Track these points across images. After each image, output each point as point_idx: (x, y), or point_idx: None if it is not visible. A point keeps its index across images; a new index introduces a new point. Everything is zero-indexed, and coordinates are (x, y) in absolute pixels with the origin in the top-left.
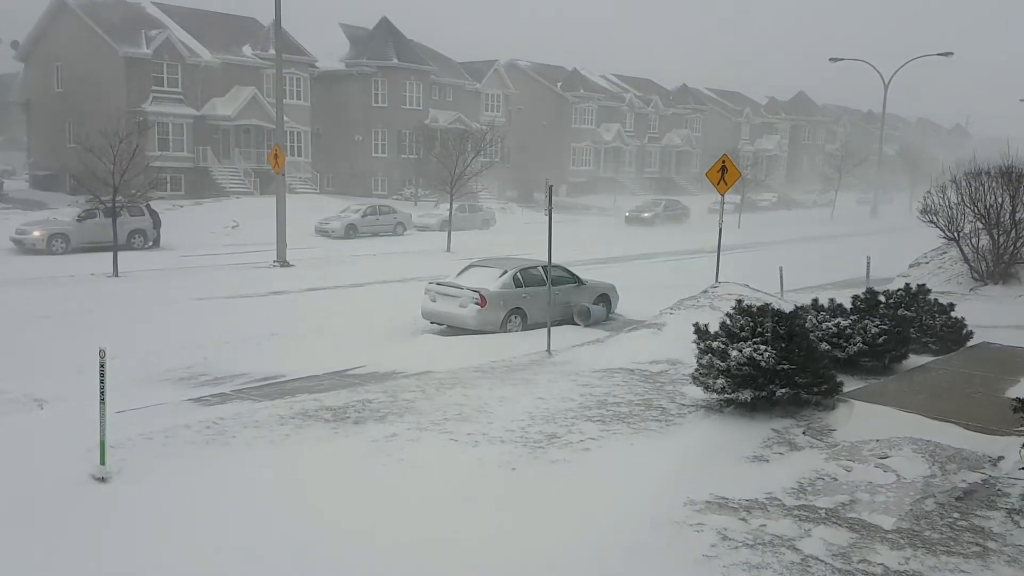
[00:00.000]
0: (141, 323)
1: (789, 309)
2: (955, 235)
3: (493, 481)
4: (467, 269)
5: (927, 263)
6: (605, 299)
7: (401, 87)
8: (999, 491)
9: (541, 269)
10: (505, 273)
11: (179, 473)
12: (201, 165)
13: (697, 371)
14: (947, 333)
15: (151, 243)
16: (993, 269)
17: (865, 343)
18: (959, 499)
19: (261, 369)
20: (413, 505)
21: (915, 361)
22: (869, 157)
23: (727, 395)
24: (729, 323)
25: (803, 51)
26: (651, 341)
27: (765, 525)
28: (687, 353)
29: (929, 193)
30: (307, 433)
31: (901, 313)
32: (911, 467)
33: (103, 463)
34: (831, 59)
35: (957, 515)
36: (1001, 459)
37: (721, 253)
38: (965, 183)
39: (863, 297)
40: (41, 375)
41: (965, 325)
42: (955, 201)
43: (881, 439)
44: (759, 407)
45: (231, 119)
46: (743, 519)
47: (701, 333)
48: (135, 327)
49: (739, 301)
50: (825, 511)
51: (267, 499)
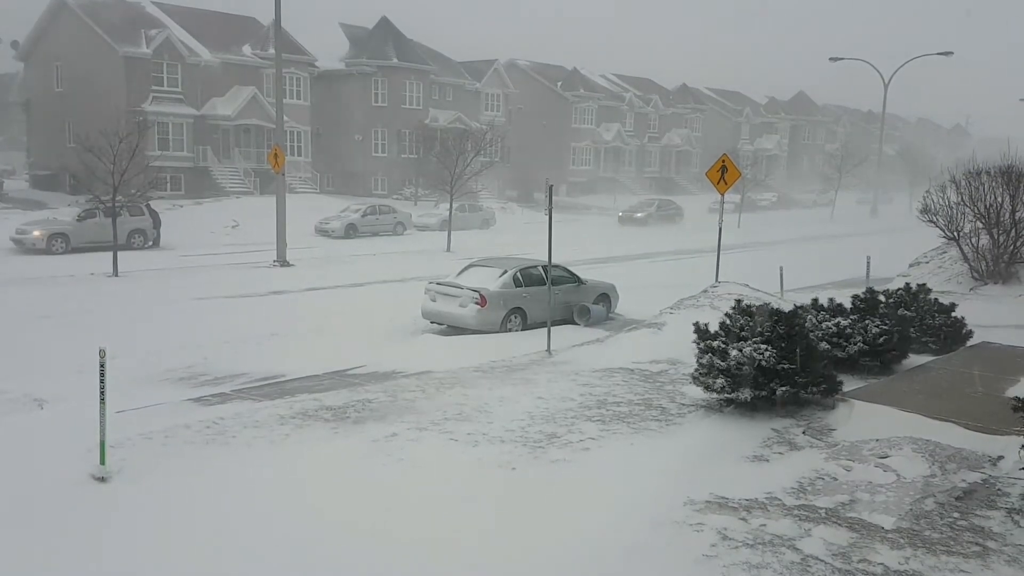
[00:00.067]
0: (141, 323)
1: (789, 309)
2: (955, 235)
3: (493, 481)
4: (467, 269)
5: (927, 263)
6: (605, 299)
7: (401, 87)
8: (999, 491)
9: (541, 269)
10: (505, 273)
11: (179, 473)
12: (201, 165)
13: (697, 371)
14: (947, 333)
15: (151, 243)
16: (993, 269)
17: (865, 343)
18: (959, 499)
19: (261, 369)
20: (413, 505)
21: (915, 361)
22: (869, 157)
23: (727, 395)
24: (729, 323)
25: (803, 51)
26: (651, 341)
27: (765, 525)
28: (687, 353)
29: (929, 193)
30: (307, 433)
31: (901, 313)
32: (911, 467)
33: (103, 463)
34: (831, 59)
35: (957, 515)
36: (1001, 459)
37: (721, 253)
38: (965, 183)
39: (863, 297)
40: (41, 375)
41: (965, 325)
42: (955, 201)
43: (881, 439)
44: (759, 407)
45: (231, 119)
46: (743, 519)
47: (701, 333)
48: (135, 327)
49: (739, 301)
50: (825, 511)
51: (267, 499)
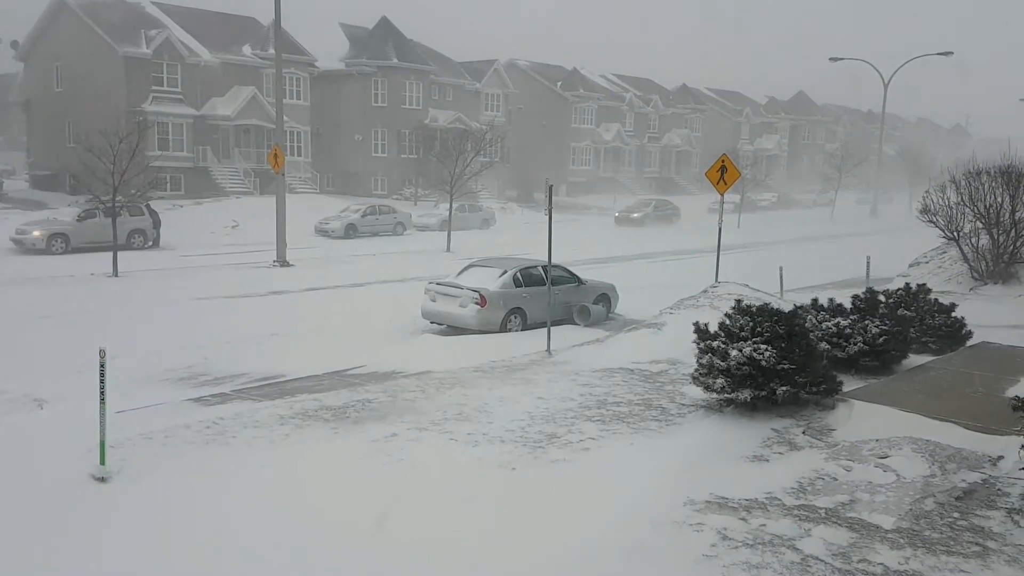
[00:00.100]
0: (141, 323)
1: (789, 309)
2: (955, 235)
3: (493, 481)
4: (467, 269)
5: (927, 263)
6: (605, 299)
7: (401, 87)
8: (999, 491)
9: (541, 269)
10: (505, 273)
11: (179, 473)
12: (201, 165)
13: (697, 371)
14: (947, 333)
15: (151, 243)
16: (993, 269)
17: (865, 343)
18: (959, 499)
19: (261, 369)
20: (413, 505)
21: (915, 361)
22: (869, 157)
23: (727, 395)
24: (729, 323)
25: (803, 51)
26: (651, 341)
27: (765, 525)
28: (687, 353)
29: (929, 193)
30: (307, 433)
31: (901, 313)
32: (911, 467)
33: (103, 463)
34: (831, 59)
35: (957, 515)
36: (1001, 459)
37: (721, 253)
38: (965, 183)
39: (863, 297)
40: (41, 375)
41: (965, 325)
42: (955, 201)
43: (881, 439)
44: (759, 407)
45: (231, 119)
46: (743, 519)
47: (701, 333)
48: (135, 327)
49: (739, 301)
50: (825, 511)
51: (267, 499)
